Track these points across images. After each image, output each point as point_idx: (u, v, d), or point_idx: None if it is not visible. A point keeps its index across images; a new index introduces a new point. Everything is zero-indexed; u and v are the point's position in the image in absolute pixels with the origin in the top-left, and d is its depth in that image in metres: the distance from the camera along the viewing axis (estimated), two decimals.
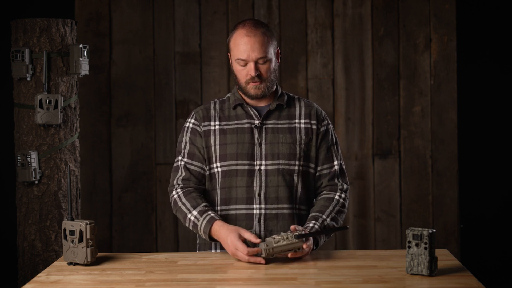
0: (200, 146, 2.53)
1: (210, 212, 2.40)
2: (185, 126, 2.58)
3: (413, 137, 4.30)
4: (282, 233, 2.23)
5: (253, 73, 2.44)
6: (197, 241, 2.60)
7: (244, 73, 2.47)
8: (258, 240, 2.23)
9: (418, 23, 4.29)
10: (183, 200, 2.47)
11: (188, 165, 2.53)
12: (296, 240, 2.20)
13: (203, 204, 2.44)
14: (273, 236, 2.22)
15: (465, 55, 4.33)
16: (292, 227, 2.30)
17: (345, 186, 2.57)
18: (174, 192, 2.52)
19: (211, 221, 2.37)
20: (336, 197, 2.52)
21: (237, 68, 2.49)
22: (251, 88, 2.47)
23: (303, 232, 2.24)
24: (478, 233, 4.38)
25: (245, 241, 2.27)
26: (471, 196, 4.36)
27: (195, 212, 2.42)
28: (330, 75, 4.31)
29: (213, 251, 2.50)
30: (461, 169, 4.33)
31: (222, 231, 2.32)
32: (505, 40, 4.35)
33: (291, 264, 2.20)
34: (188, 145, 2.55)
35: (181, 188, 2.51)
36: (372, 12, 4.30)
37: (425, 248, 2.02)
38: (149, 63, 4.30)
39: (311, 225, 2.40)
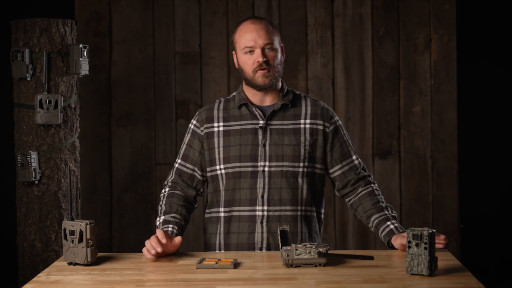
0: (196, 149, 2.54)
1: (169, 225, 2.43)
2: (189, 127, 2.60)
3: (413, 137, 4.30)
4: (308, 244, 2.16)
5: (260, 59, 2.41)
6: (203, 241, 2.63)
7: (250, 62, 2.44)
8: (164, 241, 2.25)
9: (418, 23, 4.29)
10: (163, 202, 2.53)
11: (181, 167, 2.56)
12: (318, 257, 2.14)
13: (171, 215, 2.47)
14: (297, 246, 2.15)
15: (465, 55, 4.33)
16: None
17: (372, 176, 2.58)
18: (162, 191, 2.59)
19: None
20: (375, 187, 2.54)
21: (243, 59, 2.46)
22: (259, 76, 2.43)
23: (326, 248, 2.16)
24: (478, 233, 4.38)
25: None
26: (471, 196, 4.36)
27: (161, 219, 2.47)
28: (330, 75, 4.31)
29: (217, 251, 2.51)
30: (461, 169, 4.32)
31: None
32: (505, 40, 4.35)
33: None
34: (185, 146, 2.57)
35: (168, 187, 2.57)
36: (372, 12, 4.30)
37: (425, 248, 2.01)
38: (149, 63, 4.30)
39: (391, 226, 2.40)
